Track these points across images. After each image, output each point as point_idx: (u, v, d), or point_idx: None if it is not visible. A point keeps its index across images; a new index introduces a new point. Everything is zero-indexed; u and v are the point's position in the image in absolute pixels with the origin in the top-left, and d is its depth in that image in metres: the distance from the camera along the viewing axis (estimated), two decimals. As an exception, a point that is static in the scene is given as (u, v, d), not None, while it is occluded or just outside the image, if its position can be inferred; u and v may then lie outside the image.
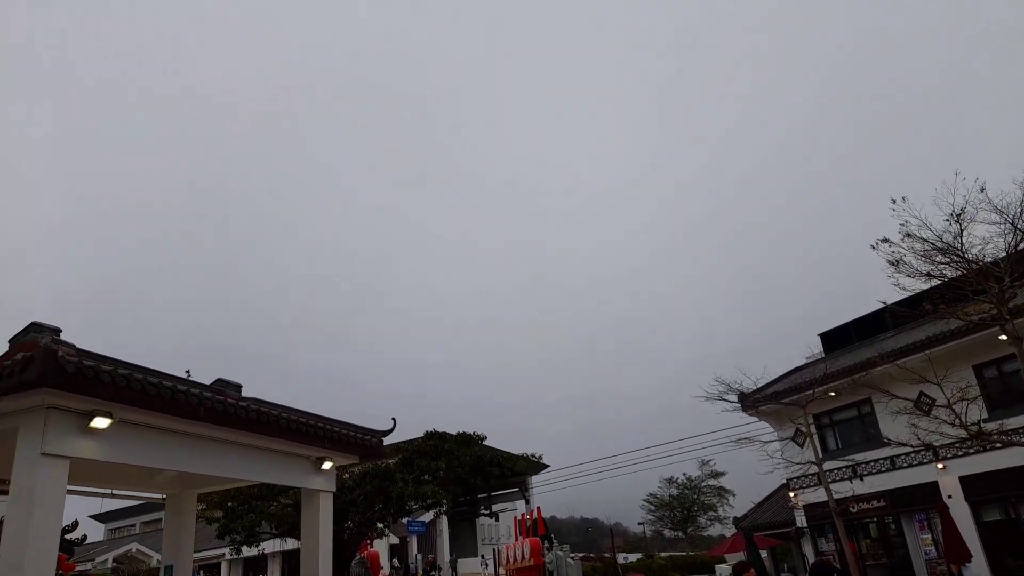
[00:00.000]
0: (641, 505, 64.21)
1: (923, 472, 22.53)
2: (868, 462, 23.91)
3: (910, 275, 16.00)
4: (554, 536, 32.85)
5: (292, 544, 22.99)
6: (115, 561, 45.67)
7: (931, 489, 22.11)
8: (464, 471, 23.98)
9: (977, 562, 19.61)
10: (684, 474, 61.24)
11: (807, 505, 25.75)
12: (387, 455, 21.57)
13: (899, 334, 24.79)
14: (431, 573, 34.05)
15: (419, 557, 39.53)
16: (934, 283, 16.13)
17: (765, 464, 23.02)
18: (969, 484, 21.23)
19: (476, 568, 41.24)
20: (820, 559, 22.35)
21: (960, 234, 15.28)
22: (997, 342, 20.05)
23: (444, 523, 46.51)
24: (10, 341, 8.69)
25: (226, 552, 33.89)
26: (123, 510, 61.39)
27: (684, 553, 41.00)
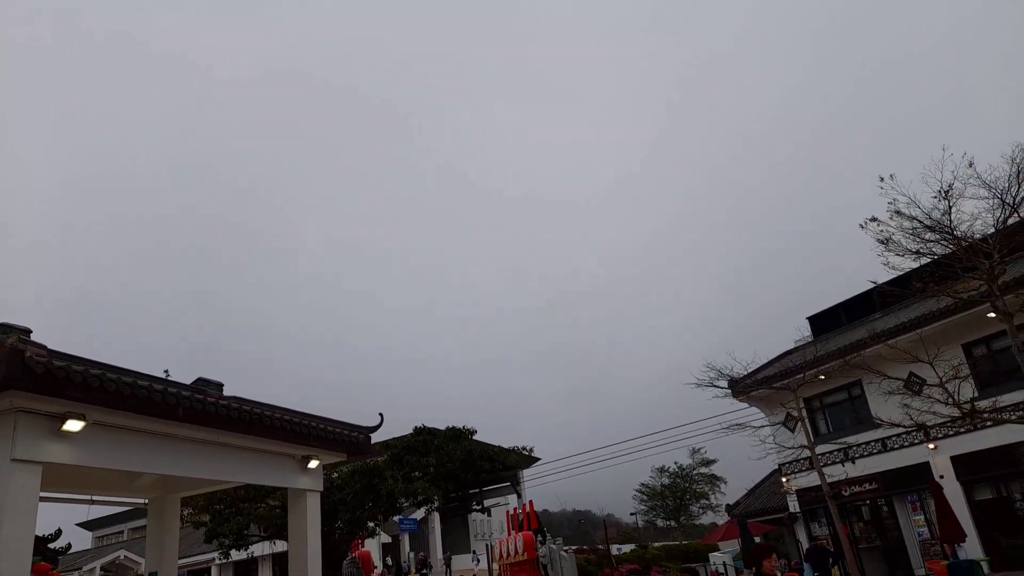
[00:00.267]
0: (633, 495, 64.19)
1: (914, 453, 22.51)
2: (859, 444, 23.87)
3: (899, 254, 15.90)
4: (547, 529, 32.73)
5: (282, 546, 22.63)
6: (102, 569, 44.95)
7: (923, 470, 22.09)
8: (454, 466, 23.70)
9: (970, 541, 19.59)
10: (676, 463, 61.29)
11: (799, 490, 25.70)
12: (375, 452, 21.25)
13: (888, 315, 24.74)
14: (422, 571, 33.75)
15: (411, 555, 39.22)
16: (923, 261, 16.03)
17: (757, 450, 22.95)
18: (960, 464, 21.23)
19: (468, 564, 40.97)
20: (815, 543, 22.33)
21: (948, 211, 15.17)
22: (985, 320, 20.03)
23: (436, 520, 46.19)
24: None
25: (215, 556, 33.38)
26: (110, 517, 60.57)
27: (677, 542, 40.96)
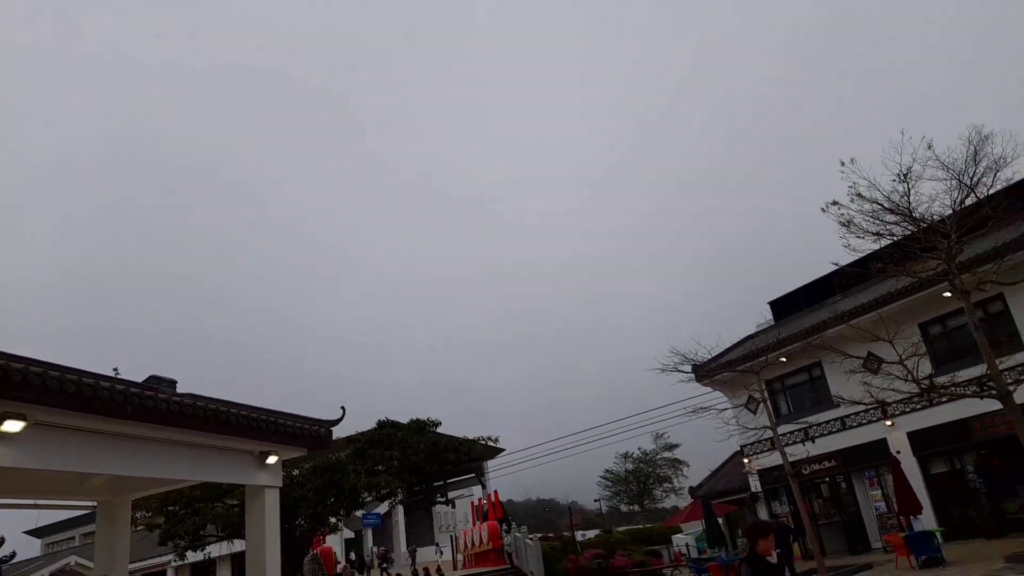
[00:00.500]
0: (598, 482, 64.72)
1: (872, 430, 22.94)
2: (819, 424, 24.24)
3: (860, 236, 16.05)
4: (512, 519, 32.61)
5: (241, 546, 22.00)
6: (52, 576, 43.38)
7: (880, 446, 22.53)
8: (419, 458, 23.29)
9: (925, 513, 20.07)
10: (639, 448, 61.92)
11: (761, 470, 26.05)
12: (335, 447, 20.76)
13: (848, 297, 25.15)
14: (382, 565, 33.35)
15: (374, 550, 38.79)
16: (884, 243, 16.21)
17: (720, 432, 23.08)
18: (916, 439, 21.70)
19: (431, 556, 40.73)
20: (776, 521, 22.64)
21: (907, 193, 15.34)
22: (941, 299, 20.45)
23: (400, 513, 45.80)
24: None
25: (171, 558, 32.43)
26: (61, 523, 58.59)
27: (641, 526, 41.29)
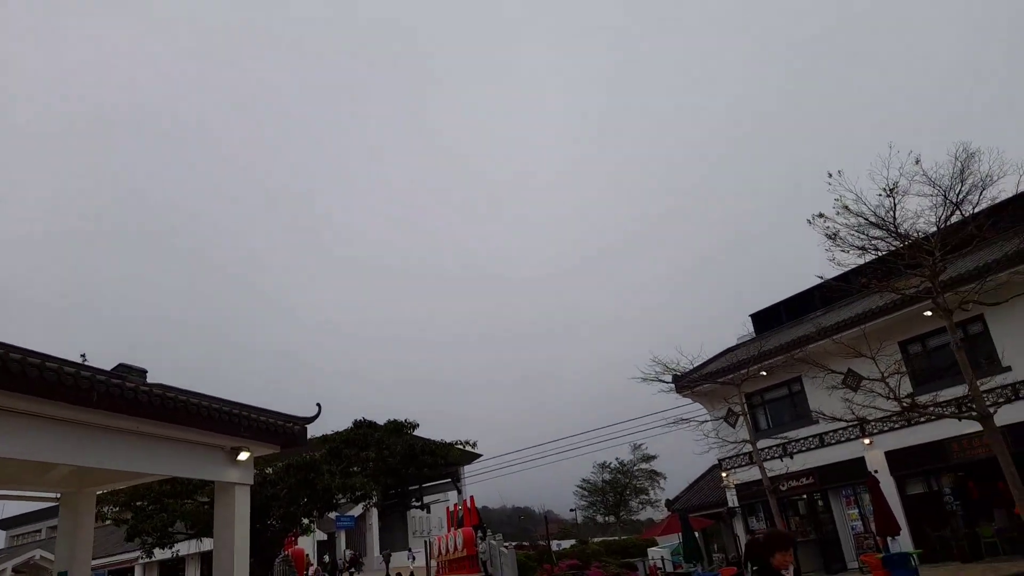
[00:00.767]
0: (574, 491, 64.47)
1: (850, 448, 22.93)
2: (798, 440, 24.20)
3: (845, 250, 16.03)
4: (487, 526, 32.29)
5: (211, 545, 21.57)
6: (15, 570, 42.43)
7: (858, 464, 22.50)
8: (395, 460, 23.03)
9: (902, 534, 20.02)
10: (616, 459, 61.78)
11: (739, 485, 25.95)
12: (310, 446, 20.44)
13: (829, 312, 25.17)
14: (350, 570, 32.85)
15: (347, 553, 38.31)
16: (868, 258, 16.20)
17: (700, 444, 23.05)
18: (894, 458, 21.70)
19: (403, 562, 40.27)
20: (753, 537, 22.53)
21: (893, 208, 15.35)
22: (922, 318, 20.49)
23: (374, 517, 45.29)
24: None
25: (139, 555, 31.78)
26: (27, 515, 57.44)
27: (617, 538, 41.09)
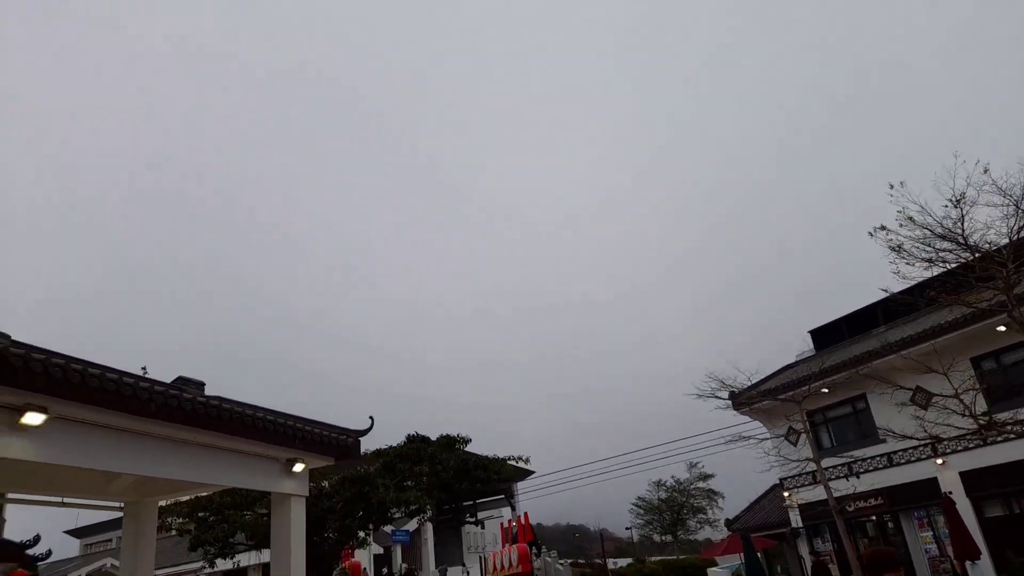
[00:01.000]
0: (630, 509, 63.35)
1: (921, 468, 21.89)
2: (864, 459, 23.24)
3: (910, 263, 15.37)
4: (542, 543, 31.98)
5: (270, 556, 21.92)
6: (87, 577, 44.04)
7: (930, 485, 21.47)
8: (448, 475, 23.02)
9: (982, 559, 18.96)
10: (673, 477, 60.50)
11: (802, 505, 25.05)
12: (364, 460, 20.61)
13: (892, 328, 24.21)
14: None
15: (403, 567, 38.44)
16: (935, 271, 15.49)
17: (760, 463, 22.42)
18: (970, 479, 20.61)
19: None
20: (818, 559, 21.74)
21: (961, 219, 14.66)
22: (994, 333, 19.57)
23: (429, 531, 45.36)
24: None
25: (202, 565, 32.55)
26: (99, 524, 59.49)
27: (675, 557, 40.17)
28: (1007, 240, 14.61)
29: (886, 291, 15.58)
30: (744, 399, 25.23)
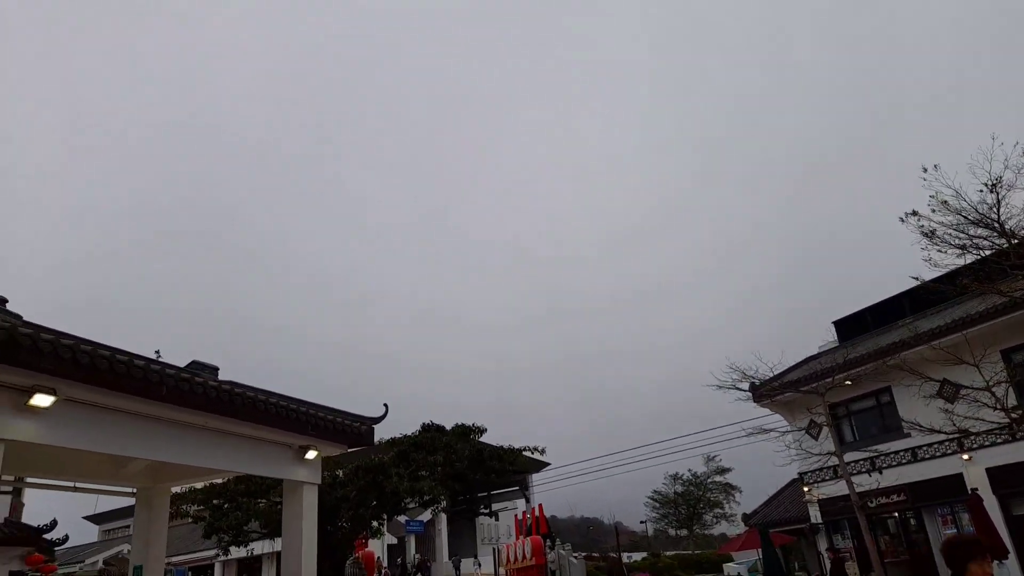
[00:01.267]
0: (645, 503, 62.99)
1: (947, 464, 21.35)
2: (888, 454, 22.73)
3: (942, 250, 14.88)
4: (556, 535, 31.73)
5: (283, 544, 21.84)
6: (104, 563, 44.48)
7: (955, 481, 20.94)
8: (463, 465, 22.78)
9: (1010, 559, 18.46)
10: (689, 470, 60.07)
11: (822, 500, 24.60)
12: (378, 449, 20.40)
13: (920, 318, 23.63)
14: (417, 574, 32.89)
15: (416, 557, 38.41)
16: (969, 259, 14.98)
17: (780, 456, 21.98)
18: (996, 476, 20.06)
19: (469, 568, 40.06)
20: (838, 555, 21.34)
21: (997, 204, 14.15)
22: (1026, 326, 19.01)
23: (443, 522, 45.30)
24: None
25: (218, 552, 32.64)
26: (118, 510, 59.95)
27: (690, 552, 39.82)
28: None
29: (917, 279, 15.11)
30: (765, 391, 24.79)
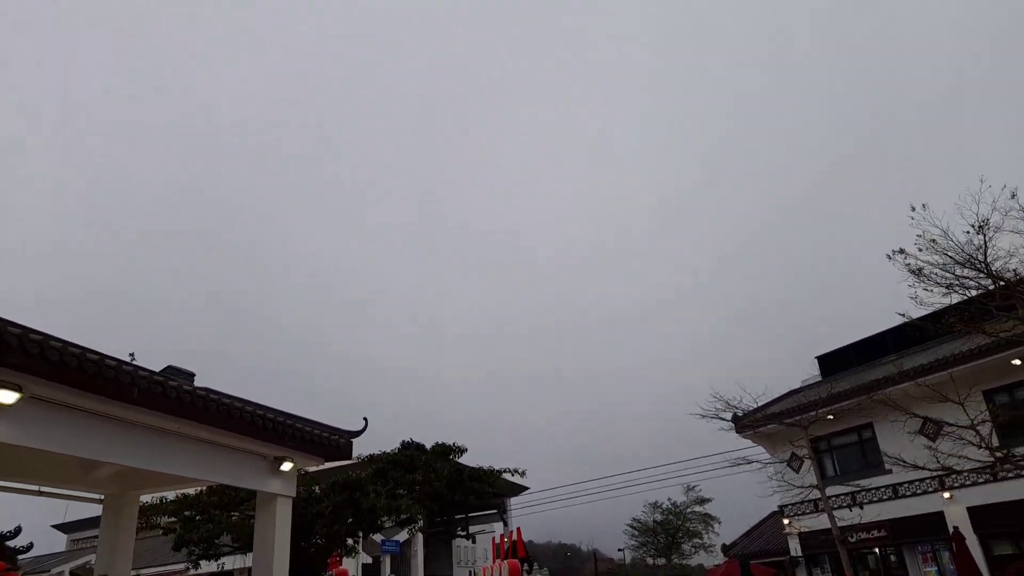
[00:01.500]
0: (624, 530, 62.45)
1: (928, 501, 21.29)
2: (869, 490, 22.65)
3: (928, 288, 14.94)
4: (533, 560, 31.37)
5: (255, 559, 21.31)
6: (71, 573, 43.42)
7: (936, 519, 20.86)
8: (441, 484, 22.42)
9: (987, 600, 18.37)
10: (669, 499, 59.67)
11: (802, 533, 24.42)
12: (357, 466, 20.08)
13: (903, 356, 23.68)
14: None
15: (391, 577, 37.76)
16: (954, 298, 15.04)
17: (762, 488, 21.85)
18: (978, 515, 20.00)
19: None
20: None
21: (984, 246, 14.25)
22: (1011, 367, 19.10)
23: (419, 543, 44.66)
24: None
25: (188, 566, 31.94)
26: (88, 520, 58.69)
27: (668, 582, 39.40)
28: None
29: (903, 315, 15.13)
30: (748, 422, 24.70)
